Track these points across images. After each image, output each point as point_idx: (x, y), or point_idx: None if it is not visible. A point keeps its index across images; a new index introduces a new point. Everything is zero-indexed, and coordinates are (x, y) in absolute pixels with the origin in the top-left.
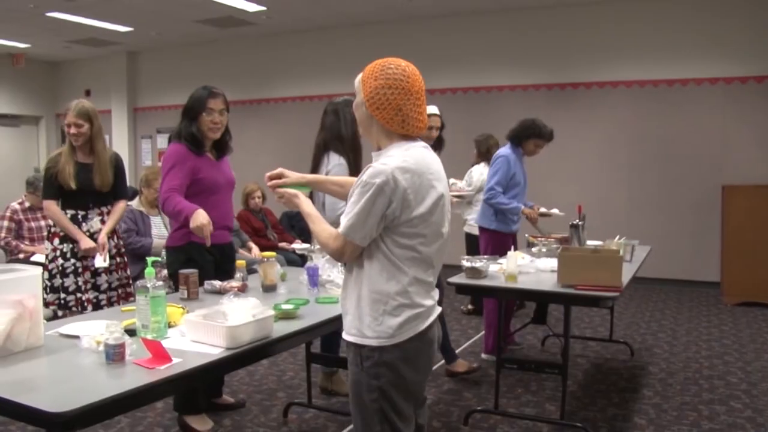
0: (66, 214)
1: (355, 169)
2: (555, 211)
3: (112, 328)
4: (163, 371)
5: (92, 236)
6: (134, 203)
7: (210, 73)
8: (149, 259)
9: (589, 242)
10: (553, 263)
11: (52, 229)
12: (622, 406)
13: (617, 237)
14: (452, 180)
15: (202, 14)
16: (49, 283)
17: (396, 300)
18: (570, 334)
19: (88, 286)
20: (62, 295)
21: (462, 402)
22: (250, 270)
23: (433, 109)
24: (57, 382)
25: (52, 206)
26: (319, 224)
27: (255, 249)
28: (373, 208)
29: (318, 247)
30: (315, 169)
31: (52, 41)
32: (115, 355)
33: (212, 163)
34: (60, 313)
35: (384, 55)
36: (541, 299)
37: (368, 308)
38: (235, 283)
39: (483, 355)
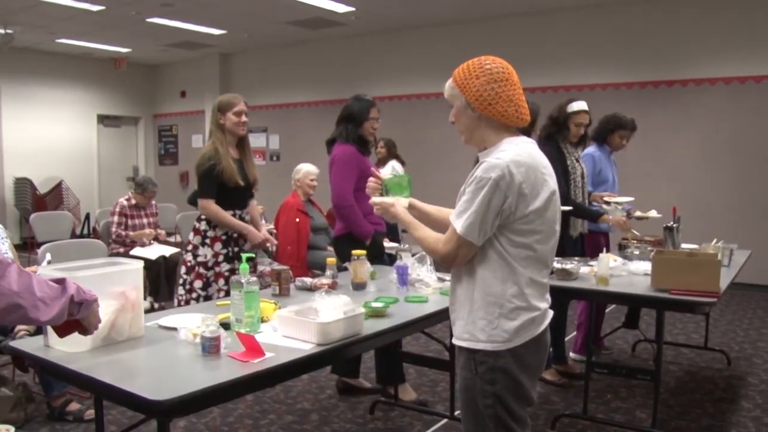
0: None
1: None
2: (653, 212)
3: (208, 322)
4: (257, 365)
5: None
6: None
7: (299, 73)
8: (244, 255)
9: (684, 245)
10: (646, 266)
11: (209, 233)
12: (717, 417)
13: (714, 240)
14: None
15: (292, 15)
16: (203, 293)
17: (512, 302)
18: (663, 340)
19: None
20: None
21: (549, 406)
22: (341, 268)
23: (582, 105)
24: (156, 371)
25: (211, 206)
26: (421, 230)
27: None
28: (491, 205)
29: (407, 245)
30: None
31: (150, 45)
32: (210, 347)
33: (370, 163)
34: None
35: (473, 54)
36: (634, 303)
37: (482, 312)
38: (325, 281)
39: (571, 354)
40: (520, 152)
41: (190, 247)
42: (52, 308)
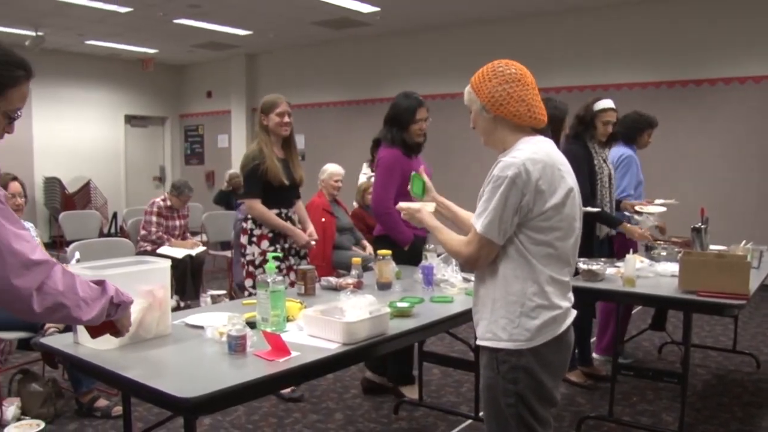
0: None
1: None
2: (667, 201)
3: (234, 320)
4: (282, 364)
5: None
6: None
7: (324, 73)
8: (270, 255)
9: (712, 247)
10: (673, 268)
11: (256, 232)
12: (746, 422)
13: (743, 242)
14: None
15: (317, 16)
16: (254, 291)
17: (533, 301)
18: (690, 343)
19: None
20: None
21: (574, 407)
22: (366, 267)
23: (609, 103)
24: (183, 369)
25: (257, 205)
26: (445, 234)
27: (369, 248)
28: (508, 202)
29: (432, 246)
30: None
31: (177, 46)
32: (237, 346)
33: (419, 162)
34: None
35: (498, 54)
36: (661, 305)
37: (503, 310)
38: (350, 280)
39: (594, 355)
40: (536, 150)
41: (241, 248)
42: (93, 308)
